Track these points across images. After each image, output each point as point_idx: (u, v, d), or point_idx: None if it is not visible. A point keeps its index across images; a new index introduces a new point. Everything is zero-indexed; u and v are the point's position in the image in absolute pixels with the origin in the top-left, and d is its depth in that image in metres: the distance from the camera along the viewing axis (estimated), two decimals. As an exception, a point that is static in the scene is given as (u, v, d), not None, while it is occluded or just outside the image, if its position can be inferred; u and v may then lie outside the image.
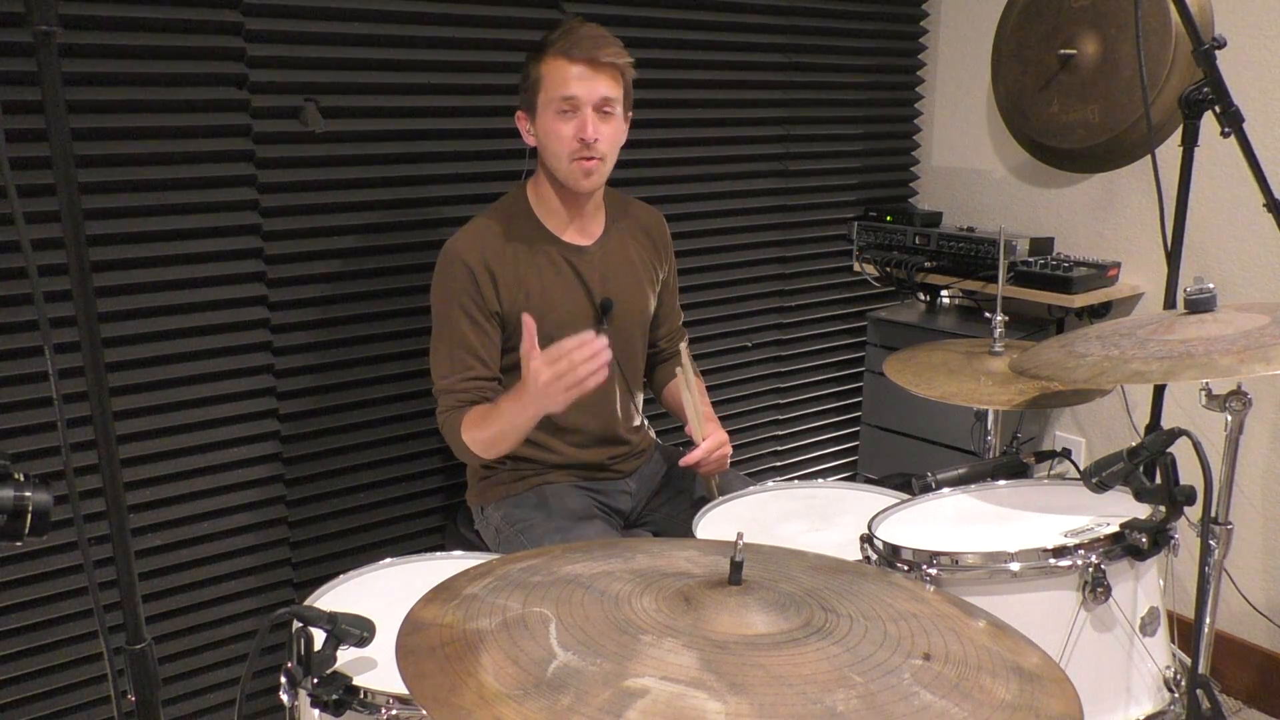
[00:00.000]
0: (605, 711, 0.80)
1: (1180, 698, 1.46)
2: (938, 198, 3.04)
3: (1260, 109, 2.31)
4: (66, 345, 1.49)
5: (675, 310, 2.19)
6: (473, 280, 1.85)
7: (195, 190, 1.93)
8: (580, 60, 1.80)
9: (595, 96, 1.81)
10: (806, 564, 1.14)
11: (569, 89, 1.80)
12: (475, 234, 1.89)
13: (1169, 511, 1.40)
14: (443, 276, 1.88)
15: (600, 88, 1.82)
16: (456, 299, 1.85)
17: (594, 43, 1.81)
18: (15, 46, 1.72)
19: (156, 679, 1.14)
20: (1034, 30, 2.66)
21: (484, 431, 1.80)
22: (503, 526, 1.95)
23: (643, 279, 2.05)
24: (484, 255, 1.86)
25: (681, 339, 2.18)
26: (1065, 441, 2.80)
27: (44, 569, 1.87)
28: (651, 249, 2.08)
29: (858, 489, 1.91)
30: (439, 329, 1.89)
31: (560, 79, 1.81)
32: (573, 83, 1.80)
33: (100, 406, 1.06)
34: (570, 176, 1.85)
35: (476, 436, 1.81)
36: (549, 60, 1.82)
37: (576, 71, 1.80)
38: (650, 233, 2.09)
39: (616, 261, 2.00)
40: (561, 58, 1.81)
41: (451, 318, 1.86)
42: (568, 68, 1.80)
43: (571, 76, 1.80)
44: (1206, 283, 1.61)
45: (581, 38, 1.81)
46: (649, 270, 2.07)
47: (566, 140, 1.82)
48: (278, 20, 1.95)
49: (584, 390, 1.67)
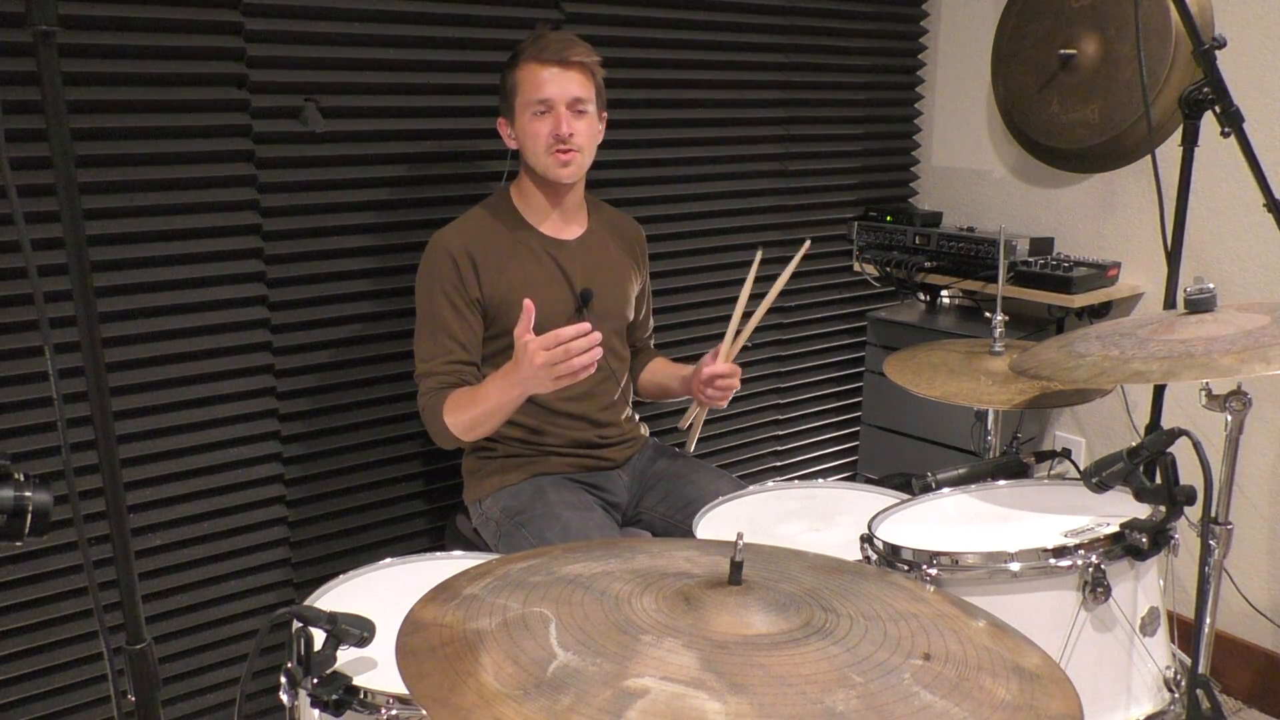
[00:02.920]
0: (605, 711, 0.80)
1: (1180, 698, 1.46)
2: (938, 198, 3.04)
3: (1260, 109, 2.31)
4: (66, 345, 1.49)
5: (646, 322, 2.25)
6: (455, 268, 1.91)
7: (195, 190, 1.93)
8: (551, 62, 1.89)
9: (567, 96, 1.90)
10: (806, 564, 1.14)
11: (543, 91, 1.89)
12: (459, 225, 1.97)
13: (1169, 511, 1.40)
14: (427, 265, 1.94)
15: (572, 87, 1.90)
16: (439, 286, 1.91)
17: (562, 45, 1.90)
18: (15, 46, 1.72)
19: (156, 679, 1.14)
20: (1034, 30, 2.66)
21: (467, 413, 1.84)
22: (502, 520, 1.95)
23: (622, 279, 2.11)
24: (466, 244, 1.93)
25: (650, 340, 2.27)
26: (1065, 441, 2.80)
27: (44, 569, 1.87)
28: (630, 254, 2.14)
29: (858, 489, 1.91)
30: (422, 315, 1.94)
31: (534, 82, 1.90)
32: (546, 84, 1.89)
33: (100, 406, 1.06)
34: (549, 169, 1.93)
35: (459, 418, 1.85)
36: (523, 66, 1.91)
37: (549, 74, 1.89)
38: (629, 240, 2.16)
39: (597, 257, 2.06)
40: (533, 62, 1.90)
41: (434, 304, 1.91)
42: (540, 71, 1.89)
43: (544, 79, 1.89)
44: (1206, 283, 1.61)
45: (550, 41, 1.90)
46: (628, 273, 2.13)
47: (543, 137, 1.91)
48: (278, 20, 1.96)
49: (575, 380, 1.72)
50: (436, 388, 1.89)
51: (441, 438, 1.89)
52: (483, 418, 1.83)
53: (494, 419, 1.84)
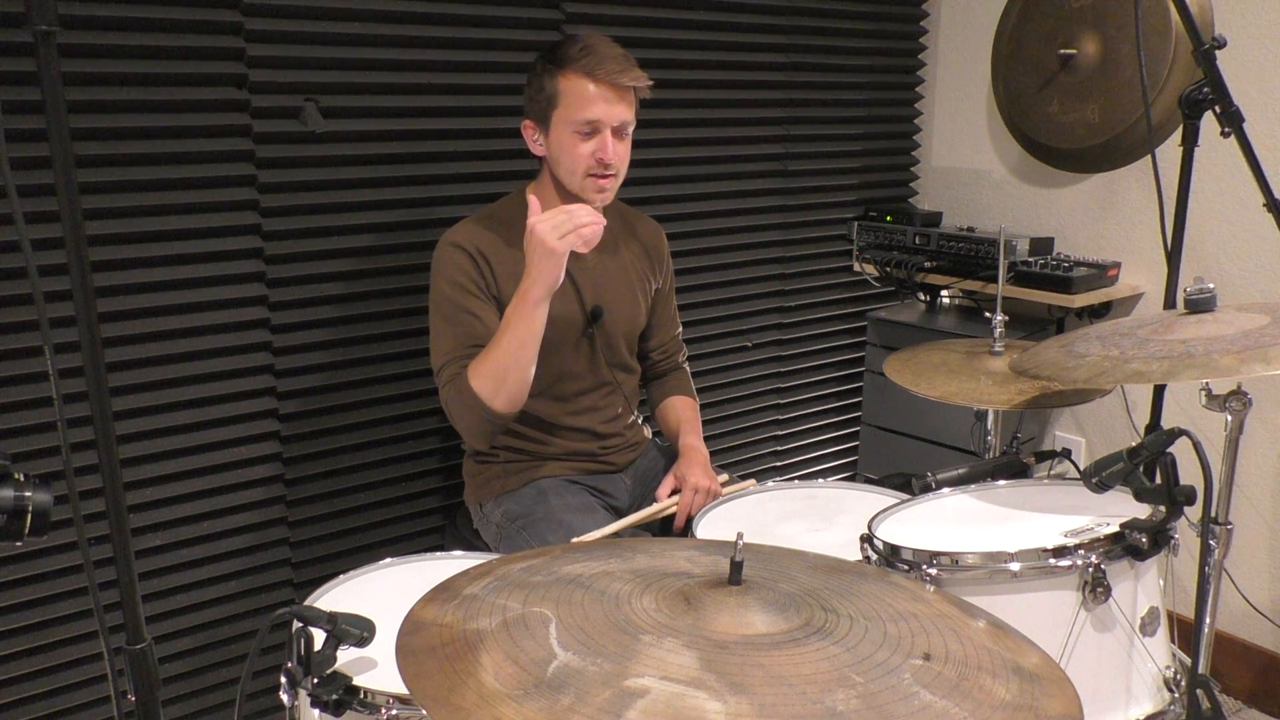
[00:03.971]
0: (605, 711, 0.80)
1: (1180, 698, 1.46)
2: (938, 198, 3.04)
3: (1260, 109, 2.31)
4: (66, 345, 1.50)
5: (669, 321, 2.18)
6: (472, 263, 1.86)
7: (195, 190, 1.93)
8: (604, 83, 1.79)
9: (616, 120, 1.81)
10: (806, 564, 1.14)
11: (591, 112, 1.79)
12: (472, 228, 1.91)
13: (1169, 511, 1.40)
14: (441, 263, 1.88)
15: (621, 111, 1.81)
16: (455, 279, 1.85)
17: (618, 65, 1.79)
18: (15, 46, 1.72)
19: (156, 679, 1.14)
20: (1034, 30, 2.66)
21: (491, 360, 1.75)
22: (504, 523, 1.95)
23: (635, 288, 2.05)
24: (480, 244, 1.88)
25: (679, 353, 2.20)
26: (1065, 441, 2.80)
27: (44, 569, 1.87)
28: (646, 260, 2.09)
29: (858, 489, 1.91)
30: (438, 312, 1.87)
31: (581, 99, 1.79)
32: (596, 105, 1.79)
33: (100, 406, 1.06)
34: (584, 191, 1.86)
35: (486, 372, 1.75)
36: (569, 77, 1.80)
37: (600, 94, 1.79)
38: (646, 245, 2.10)
39: (611, 270, 2.01)
40: (585, 78, 1.79)
41: (452, 296, 1.85)
42: (590, 88, 1.79)
43: (594, 98, 1.79)
44: (1206, 283, 1.61)
45: (604, 58, 1.79)
46: (642, 280, 2.08)
47: (584, 159, 1.82)
48: (278, 20, 1.95)
49: (581, 238, 1.69)
50: (460, 370, 1.79)
51: (473, 418, 1.78)
52: (508, 357, 1.73)
53: (521, 355, 1.74)
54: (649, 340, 2.15)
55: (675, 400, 2.16)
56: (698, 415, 2.15)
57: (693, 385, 2.22)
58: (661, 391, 2.18)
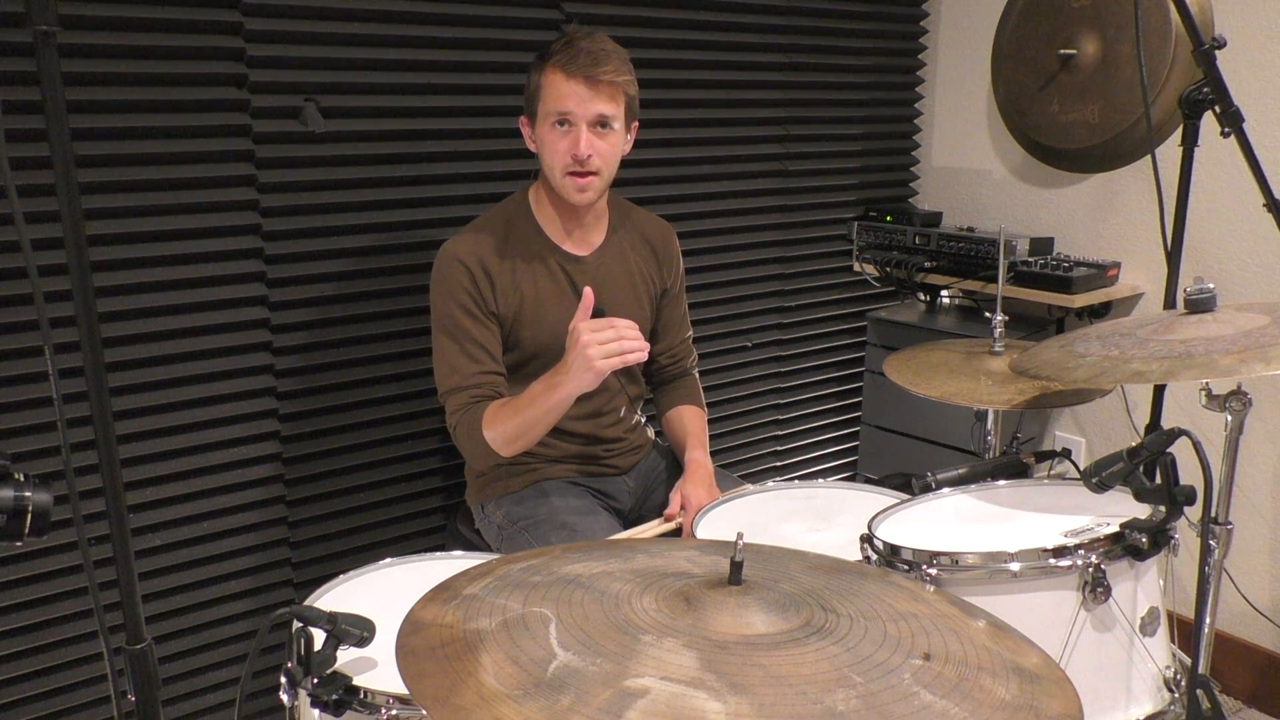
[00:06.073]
0: (605, 711, 0.80)
1: (1180, 698, 1.46)
2: (938, 198, 3.04)
3: (1260, 109, 2.31)
4: (66, 345, 1.49)
5: (678, 324, 2.16)
6: (471, 279, 1.84)
7: (195, 190, 1.93)
8: (576, 77, 1.76)
9: (590, 114, 1.78)
10: (806, 564, 1.14)
11: (564, 105, 1.78)
12: (472, 237, 1.89)
13: (1169, 511, 1.40)
14: (441, 277, 1.87)
15: (596, 106, 1.78)
16: (457, 298, 1.84)
17: (592, 59, 1.76)
18: (15, 46, 1.72)
19: (156, 679, 1.14)
20: (1034, 30, 2.66)
21: (509, 423, 1.76)
22: (505, 524, 1.95)
23: (639, 290, 2.04)
24: (480, 258, 1.85)
25: (688, 357, 2.17)
26: (1065, 441, 2.80)
27: (44, 569, 1.87)
28: (653, 261, 2.07)
29: (858, 489, 1.90)
30: (441, 329, 1.86)
31: (556, 93, 1.78)
32: (568, 99, 1.77)
33: (100, 406, 1.06)
34: (564, 190, 1.84)
35: (500, 431, 1.77)
36: (548, 71, 1.79)
37: (572, 88, 1.77)
38: (653, 244, 2.07)
39: (614, 272, 1.99)
40: (559, 71, 1.77)
41: (455, 316, 1.84)
42: (563, 83, 1.77)
43: (567, 93, 1.77)
44: (1206, 283, 1.61)
45: (580, 51, 1.76)
46: (646, 282, 2.06)
47: (560, 154, 1.80)
48: (278, 20, 1.96)
49: (625, 363, 1.68)
50: (470, 403, 1.81)
51: (478, 454, 1.81)
52: (526, 427, 1.76)
53: (537, 428, 1.76)
54: (657, 343, 2.12)
55: (683, 410, 2.14)
56: (705, 427, 2.13)
57: (702, 395, 2.20)
58: (669, 400, 2.16)
